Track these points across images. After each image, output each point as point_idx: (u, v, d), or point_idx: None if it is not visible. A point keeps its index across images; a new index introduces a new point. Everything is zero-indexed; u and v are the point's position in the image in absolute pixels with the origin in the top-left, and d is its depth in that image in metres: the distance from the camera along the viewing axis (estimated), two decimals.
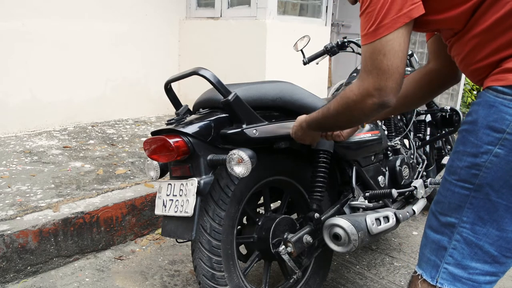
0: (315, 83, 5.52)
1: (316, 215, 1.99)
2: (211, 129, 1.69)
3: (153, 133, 1.76)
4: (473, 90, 7.30)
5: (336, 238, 1.90)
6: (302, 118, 1.75)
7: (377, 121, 2.46)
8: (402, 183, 2.58)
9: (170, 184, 1.73)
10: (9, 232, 2.30)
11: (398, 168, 2.58)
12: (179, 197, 1.67)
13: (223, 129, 1.72)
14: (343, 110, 1.40)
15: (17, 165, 3.34)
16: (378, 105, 1.28)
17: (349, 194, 2.25)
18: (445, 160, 3.09)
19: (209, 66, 4.25)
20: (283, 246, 1.89)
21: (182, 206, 1.65)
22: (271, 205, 2.16)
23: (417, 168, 2.83)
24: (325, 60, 5.59)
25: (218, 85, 1.67)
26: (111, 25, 4.98)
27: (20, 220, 2.42)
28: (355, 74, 2.78)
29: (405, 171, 2.63)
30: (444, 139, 3.41)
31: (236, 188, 1.80)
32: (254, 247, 1.98)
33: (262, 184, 1.94)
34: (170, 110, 5.72)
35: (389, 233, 2.63)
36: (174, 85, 1.88)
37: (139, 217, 2.84)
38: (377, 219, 2.03)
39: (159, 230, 2.97)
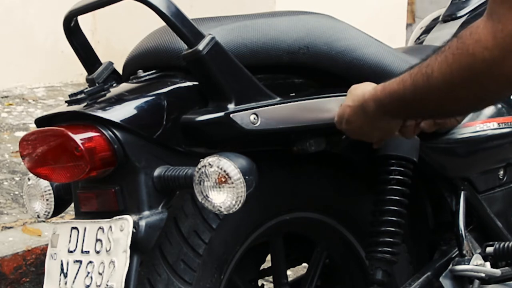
0: (379, 18, 4.45)
1: None
2: (162, 114, 1.34)
3: (40, 122, 1.40)
4: None
5: None
6: (361, 91, 1.41)
7: None
8: None
9: (76, 228, 1.36)
10: None
11: None
12: (94, 257, 1.31)
13: (188, 114, 1.35)
14: (461, 78, 1.14)
15: None
16: None
17: (452, 249, 1.78)
18: None
19: None
20: None
21: (101, 275, 1.29)
22: (288, 272, 1.68)
23: None
24: None
25: (176, 21, 1.30)
26: None
27: None
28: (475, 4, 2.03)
29: None
30: None
31: (215, 238, 1.43)
32: None
33: (268, 229, 1.52)
34: (80, 75, 4.81)
35: None
36: (85, 23, 1.50)
37: None
38: None
39: None
